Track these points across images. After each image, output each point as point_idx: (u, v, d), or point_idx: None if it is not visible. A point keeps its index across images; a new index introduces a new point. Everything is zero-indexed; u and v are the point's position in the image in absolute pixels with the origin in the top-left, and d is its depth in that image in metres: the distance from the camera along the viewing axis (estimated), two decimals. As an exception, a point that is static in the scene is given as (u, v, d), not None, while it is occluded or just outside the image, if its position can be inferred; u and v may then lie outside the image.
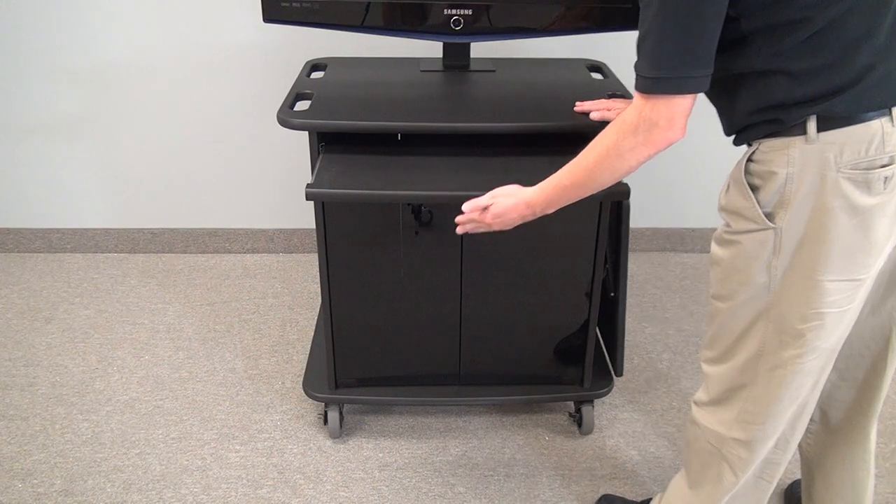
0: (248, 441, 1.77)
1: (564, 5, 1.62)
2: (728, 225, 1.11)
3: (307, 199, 1.40)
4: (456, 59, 1.79)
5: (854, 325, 1.20)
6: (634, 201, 2.49)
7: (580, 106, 1.52)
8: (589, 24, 1.66)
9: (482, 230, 1.32)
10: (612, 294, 1.68)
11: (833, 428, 1.33)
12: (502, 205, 1.26)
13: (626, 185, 1.44)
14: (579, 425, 1.80)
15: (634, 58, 1.05)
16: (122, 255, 2.57)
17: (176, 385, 1.95)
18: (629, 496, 1.63)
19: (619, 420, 1.85)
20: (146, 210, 2.52)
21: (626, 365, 2.04)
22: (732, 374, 1.16)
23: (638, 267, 2.51)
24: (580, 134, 1.50)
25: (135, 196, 2.49)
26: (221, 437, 1.78)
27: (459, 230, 1.34)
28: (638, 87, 1.04)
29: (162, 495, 1.62)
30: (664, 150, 1.08)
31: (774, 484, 1.25)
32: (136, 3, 2.19)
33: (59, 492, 1.62)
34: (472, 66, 1.80)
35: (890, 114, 0.97)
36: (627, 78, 1.78)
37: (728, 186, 1.10)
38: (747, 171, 1.06)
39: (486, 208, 1.28)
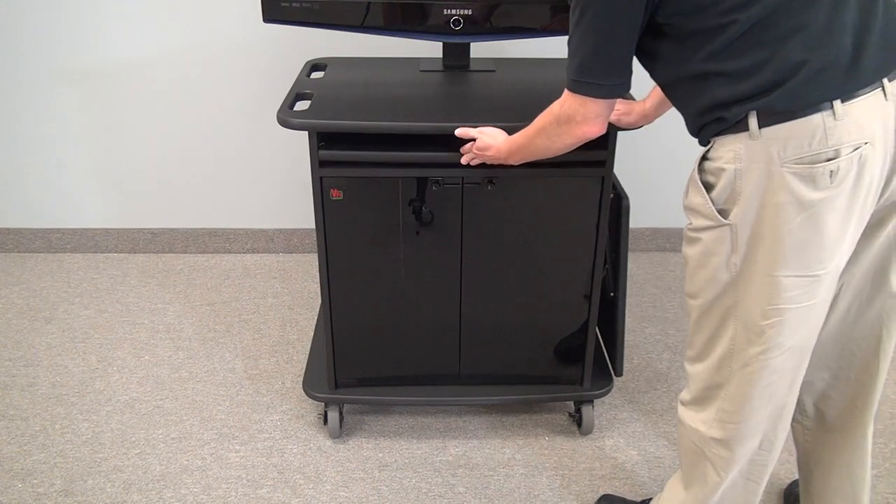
0: (248, 441, 1.77)
1: (564, 5, 1.62)
2: (690, 223, 1.13)
3: (319, 166, 1.44)
4: (456, 59, 1.79)
5: (843, 325, 1.21)
6: (634, 201, 2.49)
7: None
8: (589, 24, 1.65)
9: (477, 161, 1.46)
10: (612, 294, 1.68)
11: (829, 426, 1.33)
12: (485, 141, 1.41)
13: (605, 152, 1.49)
14: (579, 425, 1.80)
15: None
16: (122, 255, 2.57)
17: (176, 385, 1.95)
18: (629, 496, 1.63)
19: (619, 420, 1.85)
20: (146, 210, 2.52)
21: (626, 365, 2.04)
22: (709, 373, 1.18)
23: (638, 267, 2.51)
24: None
25: (135, 196, 2.49)
26: (221, 437, 1.78)
27: (463, 160, 1.48)
28: (567, 84, 1.15)
29: (162, 495, 1.62)
30: (588, 140, 1.20)
31: (762, 485, 1.26)
32: (136, 4, 2.19)
33: (59, 492, 1.62)
34: (472, 66, 1.80)
35: (832, 108, 0.98)
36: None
37: (688, 185, 1.13)
38: (703, 170, 1.10)
39: (474, 140, 1.44)
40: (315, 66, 1.84)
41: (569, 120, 1.17)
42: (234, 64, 2.27)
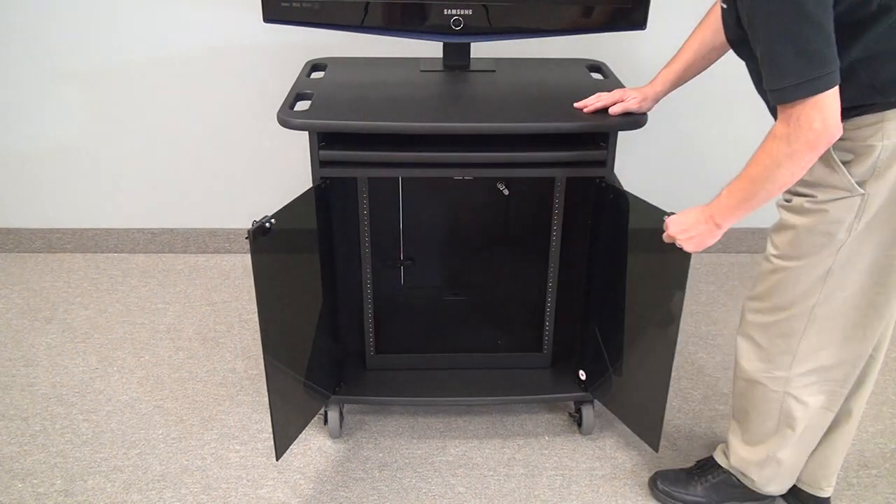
0: (248, 441, 1.77)
1: (564, 5, 1.62)
2: (813, 196, 1.18)
3: (319, 166, 1.44)
4: (456, 59, 1.79)
5: None
6: (634, 201, 2.49)
7: (588, 106, 1.51)
8: (589, 24, 1.66)
9: (686, 246, 1.34)
10: (612, 294, 1.68)
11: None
12: (680, 220, 1.31)
13: (605, 152, 1.47)
14: (579, 425, 1.80)
15: (634, 57, 1.07)
16: (122, 255, 2.57)
17: (176, 385, 1.95)
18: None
19: (619, 420, 1.85)
20: (146, 210, 2.52)
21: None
22: (789, 322, 1.27)
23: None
24: (579, 134, 1.51)
25: (135, 196, 2.49)
26: (221, 437, 1.78)
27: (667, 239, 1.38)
28: (776, 101, 1.08)
29: (162, 495, 1.62)
30: (817, 151, 1.10)
31: (835, 412, 1.38)
32: (136, 4, 2.19)
33: (59, 492, 1.62)
34: (472, 66, 1.80)
35: None
36: (627, 78, 1.79)
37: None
38: (837, 147, 1.14)
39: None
40: (315, 66, 1.84)
41: (806, 132, 1.07)
42: (234, 64, 2.27)
